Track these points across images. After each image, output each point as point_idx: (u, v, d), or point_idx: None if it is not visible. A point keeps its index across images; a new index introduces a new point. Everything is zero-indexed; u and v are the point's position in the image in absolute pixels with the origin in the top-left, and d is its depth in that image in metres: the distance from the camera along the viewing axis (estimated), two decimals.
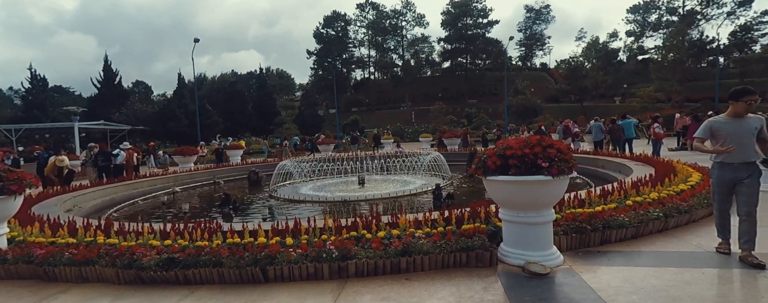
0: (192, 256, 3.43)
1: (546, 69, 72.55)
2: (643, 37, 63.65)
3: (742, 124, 3.33)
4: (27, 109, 31.98)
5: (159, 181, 11.46)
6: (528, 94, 49.02)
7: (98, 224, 4.33)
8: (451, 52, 66.27)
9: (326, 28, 61.91)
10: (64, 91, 61.50)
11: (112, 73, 33.75)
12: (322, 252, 3.47)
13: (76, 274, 3.49)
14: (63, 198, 7.90)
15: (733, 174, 3.36)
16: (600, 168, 10.43)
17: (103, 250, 3.62)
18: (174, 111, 29.45)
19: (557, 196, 3.60)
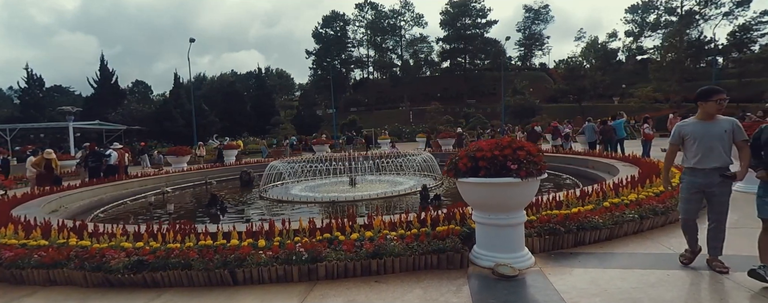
0: (161, 258, 3.43)
1: (545, 69, 72.56)
2: (642, 37, 63.68)
3: (712, 127, 3.14)
4: (23, 109, 32.04)
5: (150, 182, 11.45)
6: (527, 94, 49.00)
7: (72, 226, 4.33)
8: (450, 52, 66.29)
9: (325, 28, 61.95)
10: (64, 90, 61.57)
11: (109, 73, 33.80)
12: (291, 254, 3.47)
13: (44, 277, 3.49)
14: (49, 198, 7.89)
15: (705, 180, 3.16)
16: (590, 168, 10.42)
17: (73, 252, 3.61)
18: (170, 111, 29.49)
19: (527, 197, 3.59)
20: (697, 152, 3.14)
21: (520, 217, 3.61)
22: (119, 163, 12.35)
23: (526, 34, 71.08)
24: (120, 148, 13.16)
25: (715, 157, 3.10)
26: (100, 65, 33.58)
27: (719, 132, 3.11)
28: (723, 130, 3.10)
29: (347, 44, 63.84)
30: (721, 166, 3.10)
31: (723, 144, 3.10)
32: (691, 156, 3.21)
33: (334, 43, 61.36)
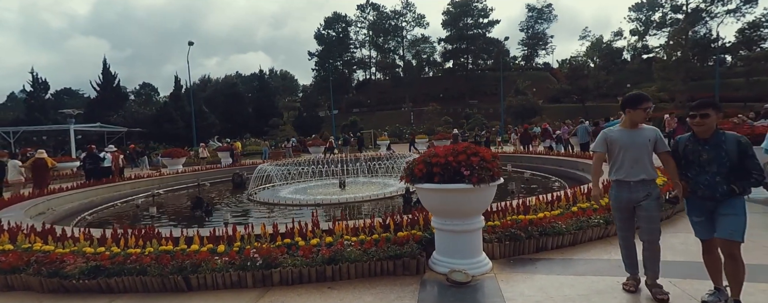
0: (118, 264, 3.47)
1: (548, 68, 72.14)
2: (647, 36, 62.94)
3: (637, 136, 2.85)
4: (28, 112, 32.54)
5: (142, 184, 11.57)
6: (529, 95, 48.70)
7: (42, 230, 4.39)
8: (452, 52, 66.18)
9: (327, 30, 62.14)
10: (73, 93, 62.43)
11: (111, 76, 34.24)
12: (247, 260, 3.49)
13: (1, 283, 3.54)
14: (37, 201, 8.01)
15: (630, 194, 2.86)
16: (579, 171, 10.34)
17: (34, 257, 3.66)
18: (170, 113, 29.76)
19: (482, 204, 3.58)
20: (623, 163, 2.88)
21: (477, 223, 3.60)
22: (114, 165, 12.51)
23: (529, 34, 70.76)
24: (114, 150, 13.33)
25: (640, 169, 2.83)
26: (103, 68, 34.01)
27: (643, 142, 2.84)
28: (647, 140, 2.84)
29: (349, 45, 63.99)
30: (647, 178, 2.83)
31: (646, 154, 2.86)
32: (616, 167, 2.92)
33: (336, 44, 61.54)
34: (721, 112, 2.76)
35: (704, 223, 2.69)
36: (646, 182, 2.84)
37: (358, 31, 66.35)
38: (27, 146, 17.15)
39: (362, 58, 67.86)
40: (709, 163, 2.62)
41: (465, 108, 51.40)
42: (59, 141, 25.82)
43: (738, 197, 2.59)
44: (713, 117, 2.61)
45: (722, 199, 2.57)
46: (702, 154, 2.66)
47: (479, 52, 66.90)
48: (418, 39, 67.03)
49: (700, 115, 2.63)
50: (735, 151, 2.56)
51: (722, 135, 2.64)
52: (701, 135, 2.68)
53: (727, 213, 2.56)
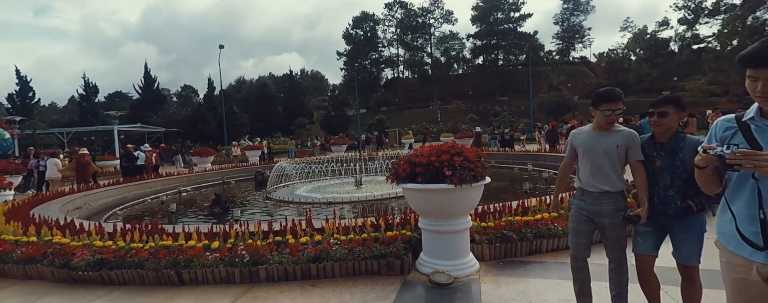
0: (119, 257, 3.71)
1: (585, 63, 68.98)
2: (697, 25, 58.44)
3: (604, 140, 2.44)
4: (81, 114, 35.32)
5: (172, 181, 12.21)
6: (563, 90, 46.82)
7: (64, 223, 4.76)
8: (482, 48, 64.83)
9: (355, 29, 62.65)
10: (123, 96, 66.83)
11: (152, 80, 36.46)
12: (235, 257, 3.62)
13: (21, 272, 3.88)
14: (75, 197, 8.66)
15: (593, 206, 2.46)
16: None
17: (52, 249, 3.98)
18: (204, 113, 31.26)
19: (467, 204, 3.51)
20: (585, 170, 2.51)
21: (462, 224, 3.54)
22: (147, 164, 13.29)
23: (564, 27, 67.90)
24: (149, 150, 14.15)
25: (603, 179, 2.42)
26: (145, 72, 36.28)
27: (609, 147, 2.41)
28: (614, 145, 2.39)
29: (377, 44, 64.21)
30: (611, 190, 2.42)
31: (612, 162, 2.41)
32: (578, 175, 2.58)
33: (364, 43, 61.94)
34: (685, 111, 2.29)
35: (650, 235, 2.30)
36: (610, 195, 2.42)
37: (386, 30, 66.47)
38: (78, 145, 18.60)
39: (390, 56, 67.91)
40: (662, 173, 2.23)
41: (495, 105, 50.23)
42: (106, 140, 27.77)
43: (695, 216, 2.16)
44: (673, 116, 2.20)
45: (676, 217, 2.18)
46: (656, 160, 2.27)
47: (510, 48, 65.11)
48: (446, 36, 66.23)
49: (657, 113, 2.21)
50: (692, 159, 2.13)
51: (681, 139, 2.20)
52: (659, 138, 2.29)
53: (682, 235, 2.21)
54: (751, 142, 1.37)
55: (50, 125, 31.56)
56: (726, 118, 1.54)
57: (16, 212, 6.21)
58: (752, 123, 1.41)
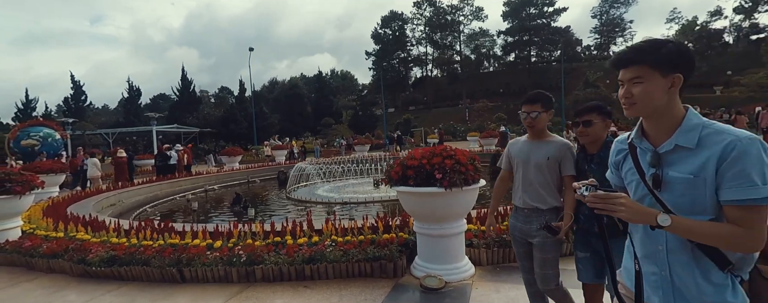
0: (129, 254, 3.92)
1: None
2: (756, 13, 53.77)
3: (535, 151, 2.22)
4: (126, 115, 37.80)
5: (201, 180, 12.78)
6: (601, 87, 44.65)
7: (89, 220, 5.10)
8: (514, 44, 63.03)
9: (384, 29, 62.73)
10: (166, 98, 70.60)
11: (188, 82, 38.36)
12: (232, 256, 3.74)
13: (46, 266, 4.19)
14: (110, 194, 9.26)
15: (525, 225, 2.26)
16: None
17: (73, 245, 4.28)
18: (235, 114, 32.52)
19: (459, 207, 3.43)
20: (517, 184, 2.30)
21: (455, 228, 3.47)
22: (179, 163, 13.98)
23: (603, 20, 64.73)
24: (181, 149, 14.88)
25: (533, 194, 2.20)
26: (181, 75, 38.24)
27: (540, 159, 2.18)
28: (545, 157, 2.17)
29: (406, 43, 63.98)
30: (542, 207, 2.18)
31: (543, 177, 2.18)
32: (513, 189, 2.38)
33: (392, 42, 61.92)
34: (611, 119, 2.06)
35: (588, 261, 2.10)
36: (541, 213, 2.18)
37: (415, 29, 66.04)
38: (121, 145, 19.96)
39: (419, 55, 67.48)
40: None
41: None
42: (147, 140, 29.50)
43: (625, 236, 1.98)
44: (599, 125, 1.99)
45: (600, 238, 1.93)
46: (586, 172, 2.06)
47: (543, 44, 62.88)
48: (476, 33, 64.94)
49: (582, 122, 2.02)
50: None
51: (606, 150, 1.91)
52: (589, 149, 2.09)
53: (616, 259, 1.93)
54: (637, 167, 1.18)
55: (99, 126, 33.97)
56: (620, 139, 1.31)
57: (54, 209, 6.72)
58: (636, 144, 1.20)
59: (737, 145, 1.00)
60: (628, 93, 1.11)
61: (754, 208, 0.99)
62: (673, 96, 1.10)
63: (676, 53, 1.08)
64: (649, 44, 1.10)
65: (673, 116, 1.11)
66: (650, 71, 1.08)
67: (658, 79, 1.08)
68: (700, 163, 1.05)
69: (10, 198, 4.70)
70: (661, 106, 1.10)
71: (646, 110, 1.12)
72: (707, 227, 1.03)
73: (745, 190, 0.98)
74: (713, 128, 1.07)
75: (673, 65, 1.08)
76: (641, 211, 1.06)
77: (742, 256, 1.07)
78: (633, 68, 1.10)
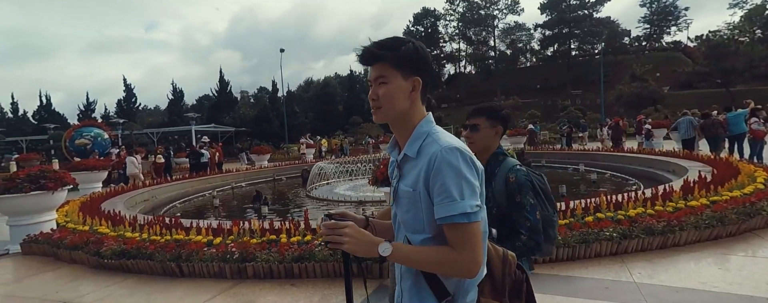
0: (136, 248, 4.18)
1: (680, 48, 60.85)
2: None
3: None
4: (170, 116, 40.36)
5: (230, 177, 13.33)
6: (649, 80, 41.79)
7: (112, 215, 5.49)
8: (552, 38, 60.51)
9: (416, 26, 62.31)
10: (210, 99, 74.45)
11: (225, 83, 40.29)
12: (226, 253, 3.88)
13: (68, 257, 4.55)
14: (144, 190, 9.89)
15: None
16: (670, 172, 8.67)
17: (93, 238, 4.63)
18: (268, 114, 33.69)
19: None
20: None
21: None
22: (211, 160, 14.69)
23: (653, 9, 60.45)
24: (212, 148, 15.63)
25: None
26: (219, 77, 40.18)
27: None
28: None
29: (438, 40, 63.17)
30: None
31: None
32: None
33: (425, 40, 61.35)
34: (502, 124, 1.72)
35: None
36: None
37: (447, 25, 65.05)
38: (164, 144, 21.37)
39: (452, 51, 66.44)
40: None
41: (565, 99, 46.61)
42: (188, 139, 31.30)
43: None
44: (487, 131, 1.67)
45: None
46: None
47: (585, 36, 59.81)
48: (511, 27, 62.92)
49: (469, 126, 1.73)
50: (502, 191, 1.58)
51: (498, 164, 1.66)
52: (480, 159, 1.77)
53: None
54: (390, 180, 1.10)
55: (146, 126, 36.49)
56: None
57: (90, 204, 7.28)
58: (389, 153, 1.11)
59: (438, 156, 0.91)
60: (374, 94, 1.01)
61: (459, 227, 0.89)
62: (415, 101, 1.01)
63: (414, 53, 0.99)
64: (390, 41, 1.00)
65: (414, 124, 1.01)
66: (393, 71, 0.99)
67: (399, 81, 0.99)
68: (416, 175, 0.96)
69: (44, 194, 5.15)
70: (404, 111, 1.00)
71: (390, 115, 1.01)
72: (423, 253, 0.93)
73: (446, 207, 0.89)
74: (433, 137, 0.97)
75: (413, 67, 0.99)
76: (365, 241, 0.98)
77: (457, 284, 0.96)
78: (378, 66, 1.00)
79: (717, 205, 4.18)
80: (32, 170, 5.38)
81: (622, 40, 62.12)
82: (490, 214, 1.53)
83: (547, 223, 1.57)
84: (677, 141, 11.50)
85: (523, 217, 1.52)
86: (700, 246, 3.71)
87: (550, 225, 1.58)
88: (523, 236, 1.52)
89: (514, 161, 1.66)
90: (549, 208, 1.60)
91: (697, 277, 3.05)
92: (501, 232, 1.56)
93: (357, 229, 0.99)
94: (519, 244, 1.51)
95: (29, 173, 5.23)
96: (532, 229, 1.51)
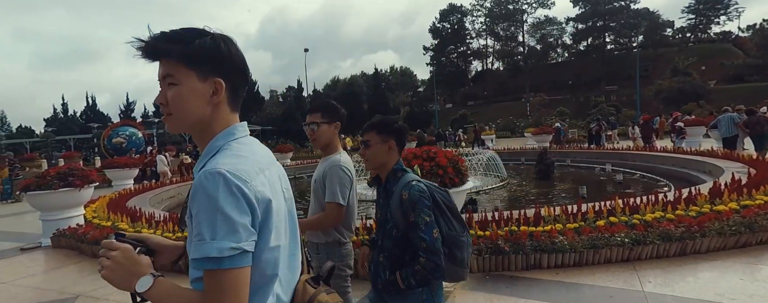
0: None
1: (730, 39, 56.85)
2: None
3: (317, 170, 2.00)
4: None
5: None
6: (694, 74, 39.30)
7: (133, 211, 5.76)
8: (585, 31, 58.11)
9: (442, 23, 61.59)
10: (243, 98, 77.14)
11: (252, 83, 41.44)
12: None
13: (90, 251, 4.81)
14: (169, 188, 10.32)
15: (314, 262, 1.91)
16: (706, 173, 8.11)
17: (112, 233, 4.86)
18: (293, 113, 34.41)
19: None
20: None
21: None
22: None
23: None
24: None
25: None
26: None
27: (313, 183, 1.98)
28: (314, 180, 1.97)
29: (465, 36, 62.18)
30: (315, 241, 1.96)
31: (316, 202, 1.95)
32: None
33: (451, 36, 60.59)
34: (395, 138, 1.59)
35: None
36: (318, 248, 1.95)
37: (474, 21, 63.89)
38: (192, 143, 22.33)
39: (479, 48, 65.17)
40: (378, 228, 1.61)
41: (599, 96, 44.65)
42: None
43: (409, 296, 1.46)
44: (380, 147, 1.56)
45: (386, 292, 1.50)
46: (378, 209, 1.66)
47: (622, 29, 57.01)
48: (541, 21, 60.96)
49: (362, 142, 1.66)
50: (399, 210, 1.44)
51: (396, 180, 1.53)
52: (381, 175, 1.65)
53: None
54: None
55: None
56: None
57: (117, 200, 7.67)
58: None
59: (196, 181, 0.75)
60: (162, 98, 0.84)
61: (210, 274, 0.72)
62: (219, 107, 0.85)
63: (214, 48, 0.82)
64: (181, 32, 0.83)
65: (214, 136, 0.86)
66: (184, 70, 0.81)
67: (194, 83, 0.82)
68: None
69: (71, 190, 5.47)
70: (203, 119, 0.84)
71: (185, 123, 0.84)
72: (177, 298, 0.78)
73: (195, 247, 0.73)
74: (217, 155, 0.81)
75: (213, 65, 0.83)
76: (126, 270, 0.80)
77: None
78: (164, 62, 0.82)
79: (747, 210, 3.85)
80: (62, 168, 5.72)
81: (663, 32, 58.76)
82: (390, 236, 1.49)
83: (453, 244, 1.43)
84: (717, 140, 10.72)
85: (419, 237, 1.39)
86: (723, 254, 3.43)
87: (456, 245, 1.43)
88: (422, 258, 1.38)
89: (411, 176, 1.53)
90: (456, 227, 1.47)
91: (715, 288, 2.81)
92: (404, 256, 1.45)
93: (128, 255, 0.82)
94: (418, 267, 1.39)
95: (59, 171, 5.57)
96: (428, 250, 1.37)
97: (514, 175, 11.05)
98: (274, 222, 0.80)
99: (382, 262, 1.52)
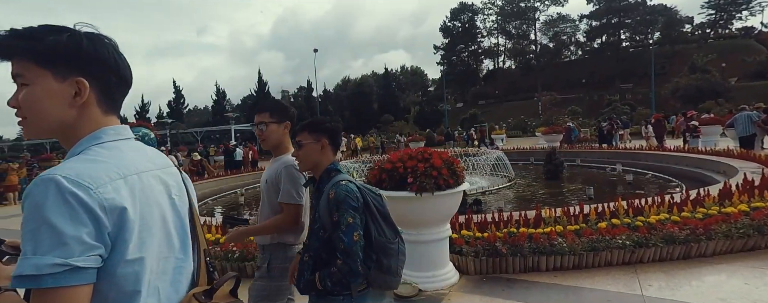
0: None
1: (752, 34, 55.08)
2: None
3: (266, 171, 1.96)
4: (213, 115, 42.70)
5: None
6: (713, 71, 38.21)
7: None
8: (599, 29, 57.01)
9: (453, 21, 61.14)
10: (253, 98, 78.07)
11: (263, 84, 41.86)
12: (228, 252, 4.01)
13: None
14: None
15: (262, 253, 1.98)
16: (721, 173, 7.87)
17: None
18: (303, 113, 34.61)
19: (435, 213, 3.24)
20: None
21: (434, 234, 3.29)
22: (245, 159, 15.31)
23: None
24: (247, 147, 16.29)
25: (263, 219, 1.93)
26: (258, 78, 41.85)
27: (263, 183, 1.94)
28: (264, 180, 1.93)
29: (476, 35, 61.62)
30: (262, 242, 1.94)
31: (270, 205, 1.88)
32: None
33: (462, 35, 60.10)
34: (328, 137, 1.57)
35: None
36: (263, 250, 1.92)
37: (486, 19, 63.25)
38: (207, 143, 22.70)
39: (490, 46, 64.52)
40: (309, 229, 1.56)
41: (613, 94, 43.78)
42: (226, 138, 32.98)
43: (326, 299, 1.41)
44: (312, 147, 1.55)
45: (306, 293, 1.46)
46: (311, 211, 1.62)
47: (637, 26, 55.76)
48: (554, 19, 60.02)
49: (295, 144, 1.62)
50: (325, 209, 1.40)
51: (329, 180, 1.50)
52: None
53: None
54: None
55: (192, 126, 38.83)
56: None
57: None
58: None
59: (26, 189, 0.68)
60: (14, 100, 0.76)
61: (35, 293, 0.63)
62: (86, 111, 0.77)
63: (72, 45, 0.74)
64: (34, 29, 0.74)
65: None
66: (37, 69, 0.74)
67: (50, 83, 0.74)
68: None
69: None
70: (66, 123, 0.77)
71: (42, 127, 0.77)
72: None
73: (18, 263, 0.63)
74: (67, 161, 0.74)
75: (72, 64, 0.75)
76: None
77: None
78: (15, 62, 0.75)
79: (757, 212, 3.71)
80: None
81: (680, 29, 57.28)
82: (317, 236, 1.44)
83: (381, 250, 1.38)
84: (734, 139, 10.39)
85: (338, 237, 1.33)
86: (730, 258, 3.32)
87: (384, 252, 1.38)
88: (338, 260, 1.33)
89: (343, 176, 1.49)
90: (386, 233, 1.42)
91: (717, 293, 2.71)
92: (330, 259, 1.39)
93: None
94: (334, 269, 1.34)
95: None
96: (344, 252, 1.32)
97: (523, 175, 10.91)
98: (133, 232, 0.71)
99: (307, 261, 1.48)
